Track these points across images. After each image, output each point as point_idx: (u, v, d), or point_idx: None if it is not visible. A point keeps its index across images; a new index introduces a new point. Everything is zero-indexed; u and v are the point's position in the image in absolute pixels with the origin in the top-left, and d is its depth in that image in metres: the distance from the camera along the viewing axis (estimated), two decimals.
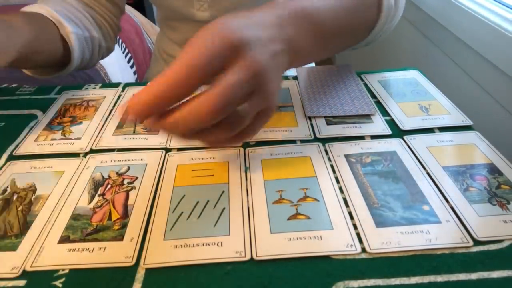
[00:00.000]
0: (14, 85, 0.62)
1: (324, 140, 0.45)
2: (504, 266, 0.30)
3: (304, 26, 0.39)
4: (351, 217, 0.35)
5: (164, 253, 0.32)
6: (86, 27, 0.61)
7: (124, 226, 0.35)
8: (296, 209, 0.36)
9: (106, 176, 0.41)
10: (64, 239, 0.34)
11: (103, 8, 0.65)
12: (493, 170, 0.40)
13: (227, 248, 0.32)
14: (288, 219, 0.35)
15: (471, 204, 0.36)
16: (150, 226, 0.35)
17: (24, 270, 0.31)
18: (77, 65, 0.61)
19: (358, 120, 0.48)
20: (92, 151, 0.45)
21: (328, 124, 0.48)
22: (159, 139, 0.46)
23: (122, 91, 0.58)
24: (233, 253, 0.32)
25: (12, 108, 0.54)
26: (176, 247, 0.33)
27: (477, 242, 0.32)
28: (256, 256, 0.32)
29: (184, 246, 0.33)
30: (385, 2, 0.51)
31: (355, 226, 0.34)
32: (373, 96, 0.54)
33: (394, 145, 0.44)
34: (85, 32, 0.61)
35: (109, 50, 0.70)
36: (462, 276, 0.30)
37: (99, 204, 0.37)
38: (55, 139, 0.47)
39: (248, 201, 0.37)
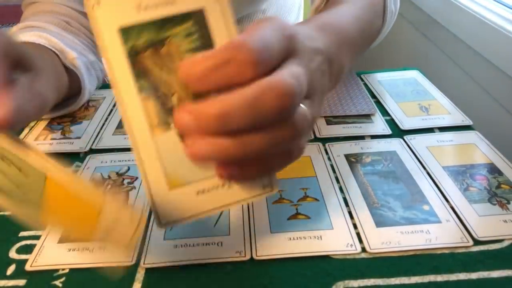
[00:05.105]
0: None
1: (324, 140, 0.45)
2: (504, 266, 0.30)
3: (332, 36, 0.36)
4: (351, 217, 0.35)
5: (164, 253, 0.32)
6: (81, 52, 0.54)
7: None
8: (296, 209, 0.36)
9: (106, 176, 0.41)
10: (64, 239, 0.34)
11: (85, 29, 0.58)
12: (493, 170, 0.40)
13: (227, 248, 0.32)
14: (288, 218, 0.35)
15: (471, 204, 0.36)
16: (150, 226, 0.35)
17: (24, 270, 0.31)
18: (90, 92, 0.54)
19: (358, 120, 0.48)
20: (92, 150, 0.45)
21: (328, 124, 0.48)
22: None
23: None
24: (233, 253, 0.32)
25: None
26: (176, 247, 0.33)
27: (477, 242, 0.32)
28: (256, 256, 0.32)
29: (184, 246, 0.33)
30: (388, 9, 0.50)
31: (355, 226, 0.34)
32: (373, 96, 0.54)
33: (394, 145, 0.44)
34: (83, 57, 0.53)
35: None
36: (462, 276, 0.30)
37: None
38: (55, 139, 0.47)
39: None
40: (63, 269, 0.31)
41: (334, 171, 0.40)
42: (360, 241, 0.33)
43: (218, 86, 0.23)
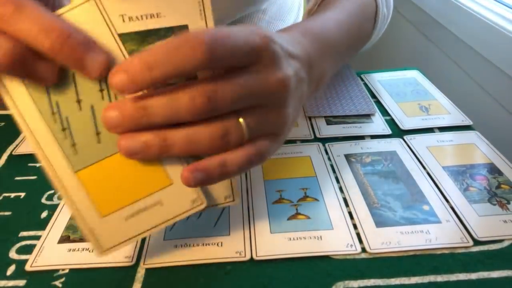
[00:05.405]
0: None
1: (324, 140, 0.45)
2: (504, 266, 0.30)
3: (313, 42, 0.36)
4: (351, 217, 0.35)
5: (164, 253, 0.32)
6: None
7: None
8: (296, 209, 0.36)
9: None
10: (64, 239, 0.34)
11: None
12: (493, 170, 0.40)
13: (227, 248, 0.32)
14: (288, 219, 0.35)
15: (471, 204, 0.36)
16: None
17: (24, 270, 0.31)
18: None
19: (358, 120, 0.48)
20: None
21: (328, 124, 0.48)
22: None
23: None
24: (233, 253, 0.32)
25: None
26: (176, 247, 0.33)
27: (477, 242, 0.32)
28: (256, 256, 0.32)
29: (184, 246, 0.33)
30: (380, 13, 0.50)
31: (355, 226, 0.34)
32: (373, 96, 0.54)
33: (394, 145, 0.44)
34: None
35: None
36: (462, 276, 0.30)
37: None
38: None
39: (248, 201, 0.37)
40: (63, 270, 0.31)
41: (334, 171, 0.40)
42: (360, 241, 0.33)
43: (174, 75, 0.23)
